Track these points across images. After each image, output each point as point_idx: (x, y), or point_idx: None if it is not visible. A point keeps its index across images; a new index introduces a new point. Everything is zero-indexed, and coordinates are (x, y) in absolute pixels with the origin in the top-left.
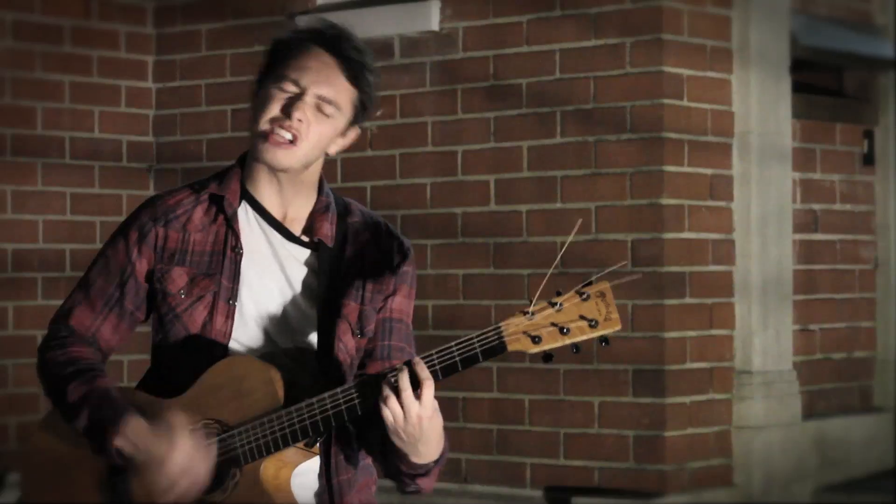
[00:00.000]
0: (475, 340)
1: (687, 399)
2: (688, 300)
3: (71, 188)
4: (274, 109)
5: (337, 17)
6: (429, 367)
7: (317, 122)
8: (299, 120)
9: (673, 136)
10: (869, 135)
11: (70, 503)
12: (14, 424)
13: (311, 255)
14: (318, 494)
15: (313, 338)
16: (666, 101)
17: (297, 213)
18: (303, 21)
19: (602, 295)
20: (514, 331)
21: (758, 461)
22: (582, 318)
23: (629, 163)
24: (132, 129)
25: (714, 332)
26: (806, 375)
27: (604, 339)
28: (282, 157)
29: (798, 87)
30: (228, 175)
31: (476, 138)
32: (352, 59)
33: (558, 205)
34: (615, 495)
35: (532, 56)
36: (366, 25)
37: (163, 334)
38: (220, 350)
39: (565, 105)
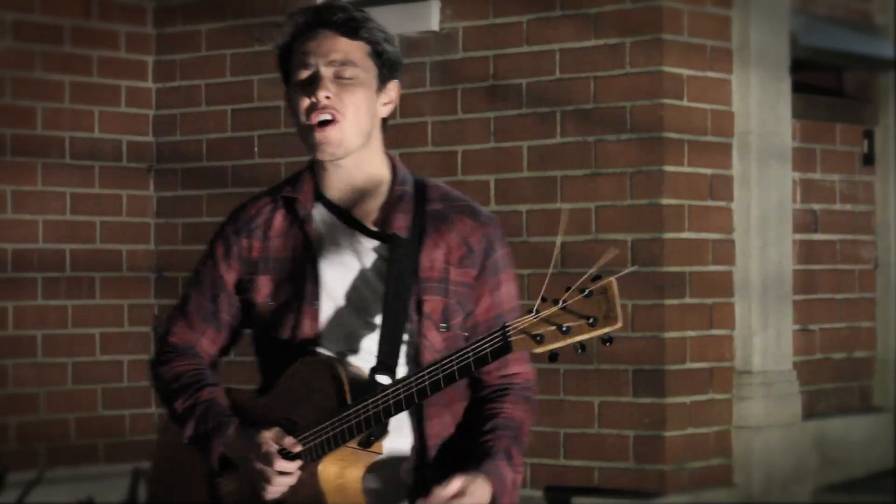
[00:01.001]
0: (485, 342)
1: (687, 399)
2: (688, 300)
3: (71, 188)
4: (304, 102)
5: None
6: (446, 371)
7: (345, 91)
8: (327, 97)
9: (673, 136)
10: (869, 135)
11: (182, 497)
12: (14, 424)
13: (386, 248)
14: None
15: (401, 331)
16: (666, 101)
17: (371, 206)
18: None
19: (605, 291)
20: (520, 330)
21: (758, 461)
22: (582, 316)
23: (629, 163)
24: (132, 129)
25: (714, 332)
26: (806, 375)
27: (607, 339)
28: (331, 137)
29: (798, 87)
30: (301, 177)
31: (476, 138)
32: (341, 19)
33: (558, 205)
34: (615, 495)
35: (532, 56)
36: None
37: (258, 342)
38: (308, 352)
39: (565, 105)
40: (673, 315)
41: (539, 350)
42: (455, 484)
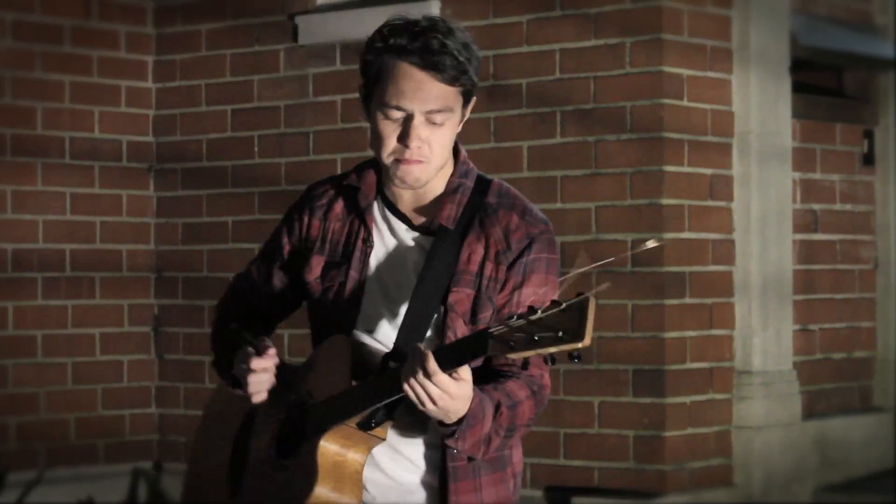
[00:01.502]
0: (470, 340)
1: (687, 399)
2: (688, 300)
3: (71, 188)
4: (391, 142)
5: (337, 17)
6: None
7: (434, 134)
8: (418, 146)
9: (673, 136)
10: (869, 135)
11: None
12: (14, 424)
13: (432, 240)
14: (424, 478)
15: (426, 323)
16: (666, 101)
17: (426, 198)
18: (378, 18)
19: (581, 308)
20: (496, 335)
21: (758, 461)
22: (553, 328)
23: (629, 163)
24: (132, 129)
25: (714, 332)
26: (806, 375)
27: (576, 355)
28: (416, 173)
29: (798, 87)
30: (367, 168)
31: (476, 138)
32: (444, 65)
33: (558, 205)
34: (615, 495)
35: (532, 56)
36: (366, 25)
37: (309, 318)
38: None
39: (565, 105)
40: (673, 315)
41: (512, 356)
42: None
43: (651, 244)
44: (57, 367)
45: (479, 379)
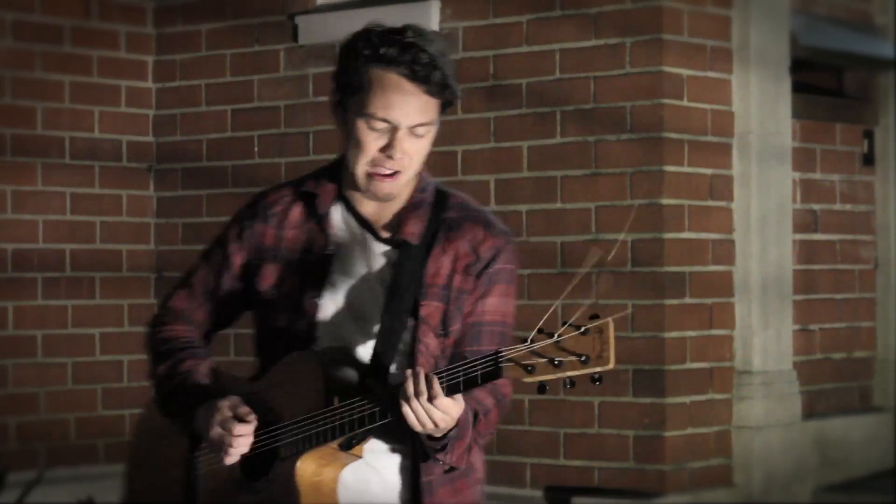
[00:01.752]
0: (477, 365)
1: (687, 399)
2: (688, 300)
3: (71, 188)
4: (371, 150)
5: (337, 17)
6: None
7: (415, 146)
8: (400, 157)
9: (673, 136)
10: (869, 135)
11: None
12: (14, 424)
13: (397, 252)
14: (402, 494)
15: (398, 337)
16: (666, 101)
17: (388, 211)
18: (357, 22)
19: (600, 332)
20: (512, 358)
21: (758, 461)
22: (575, 353)
23: (629, 163)
24: (132, 129)
25: (714, 332)
26: (806, 375)
27: (597, 378)
28: (388, 188)
29: (798, 87)
30: (325, 174)
31: (476, 138)
32: (432, 79)
33: (558, 205)
34: (615, 495)
35: (532, 56)
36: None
37: (257, 327)
38: (302, 347)
39: (565, 105)
40: (673, 315)
41: (528, 380)
42: (440, 391)
43: (594, 256)
44: (57, 367)
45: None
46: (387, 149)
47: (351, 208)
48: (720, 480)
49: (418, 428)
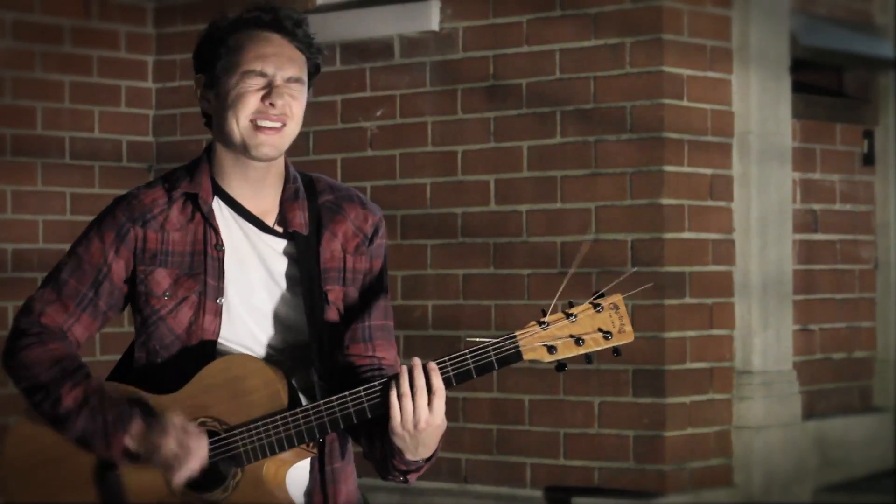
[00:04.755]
0: (490, 349)
1: (687, 399)
2: (688, 300)
3: (71, 188)
4: (251, 103)
5: (337, 17)
6: (443, 374)
7: (293, 100)
8: (283, 104)
9: (673, 136)
10: (869, 135)
11: (59, 501)
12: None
13: (288, 244)
14: (308, 487)
15: (303, 330)
16: (666, 101)
17: (269, 203)
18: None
19: (615, 307)
20: (530, 340)
21: (758, 461)
22: (597, 329)
23: (629, 163)
24: (132, 129)
25: (714, 332)
26: (806, 375)
27: (616, 350)
28: (276, 141)
29: (798, 87)
30: (198, 170)
31: (476, 138)
32: (298, 33)
33: (558, 205)
34: (615, 495)
35: (532, 56)
36: (366, 25)
37: (146, 335)
38: (209, 349)
39: (565, 105)
40: (673, 315)
41: (550, 359)
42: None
43: (585, 248)
44: None
45: (341, 376)
46: (268, 97)
47: (230, 201)
48: (720, 480)
49: (399, 430)
